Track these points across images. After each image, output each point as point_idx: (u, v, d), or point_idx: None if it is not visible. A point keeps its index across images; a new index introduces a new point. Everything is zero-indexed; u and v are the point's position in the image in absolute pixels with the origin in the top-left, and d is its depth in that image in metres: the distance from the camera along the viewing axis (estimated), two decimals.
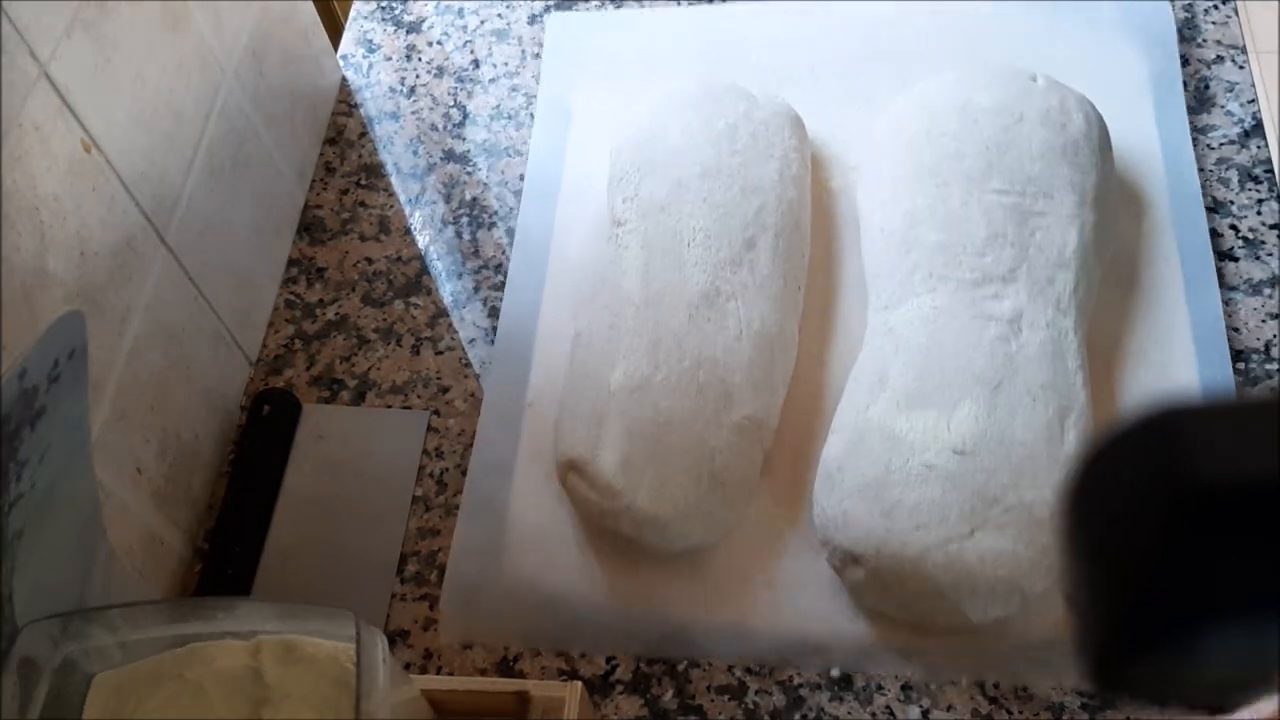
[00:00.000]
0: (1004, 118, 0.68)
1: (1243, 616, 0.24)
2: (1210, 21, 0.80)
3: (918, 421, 0.60)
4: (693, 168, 0.69)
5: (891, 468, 0.59)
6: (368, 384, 0.73)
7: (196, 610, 0.51)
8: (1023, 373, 0.61)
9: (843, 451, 0.61)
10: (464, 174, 0.81)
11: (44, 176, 0.53)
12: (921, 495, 0.58)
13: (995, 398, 0.60)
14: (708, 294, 0.65)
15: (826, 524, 0.60)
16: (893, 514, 0.58)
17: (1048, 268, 0.64)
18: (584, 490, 0.62)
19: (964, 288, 0.64)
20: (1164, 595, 0.24)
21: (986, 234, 0.65)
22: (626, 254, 0.68)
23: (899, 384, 0.62)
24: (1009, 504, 0.57)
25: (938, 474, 0.58)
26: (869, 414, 0.61)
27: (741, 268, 0.66)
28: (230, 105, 0.70)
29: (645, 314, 0.65)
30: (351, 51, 0.88)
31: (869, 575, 0.58)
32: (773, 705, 0.60)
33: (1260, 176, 0.73)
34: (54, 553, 0.50)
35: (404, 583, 0.66)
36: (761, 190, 0.68)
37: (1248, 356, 0.67)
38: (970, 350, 0.62)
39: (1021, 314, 0.63)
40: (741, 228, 0.67)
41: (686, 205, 0.68)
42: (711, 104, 0.72)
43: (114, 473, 0.59)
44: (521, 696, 0.56)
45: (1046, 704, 0.59)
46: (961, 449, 0.58)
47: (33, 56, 0.52)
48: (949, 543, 0.57)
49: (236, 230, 0.72)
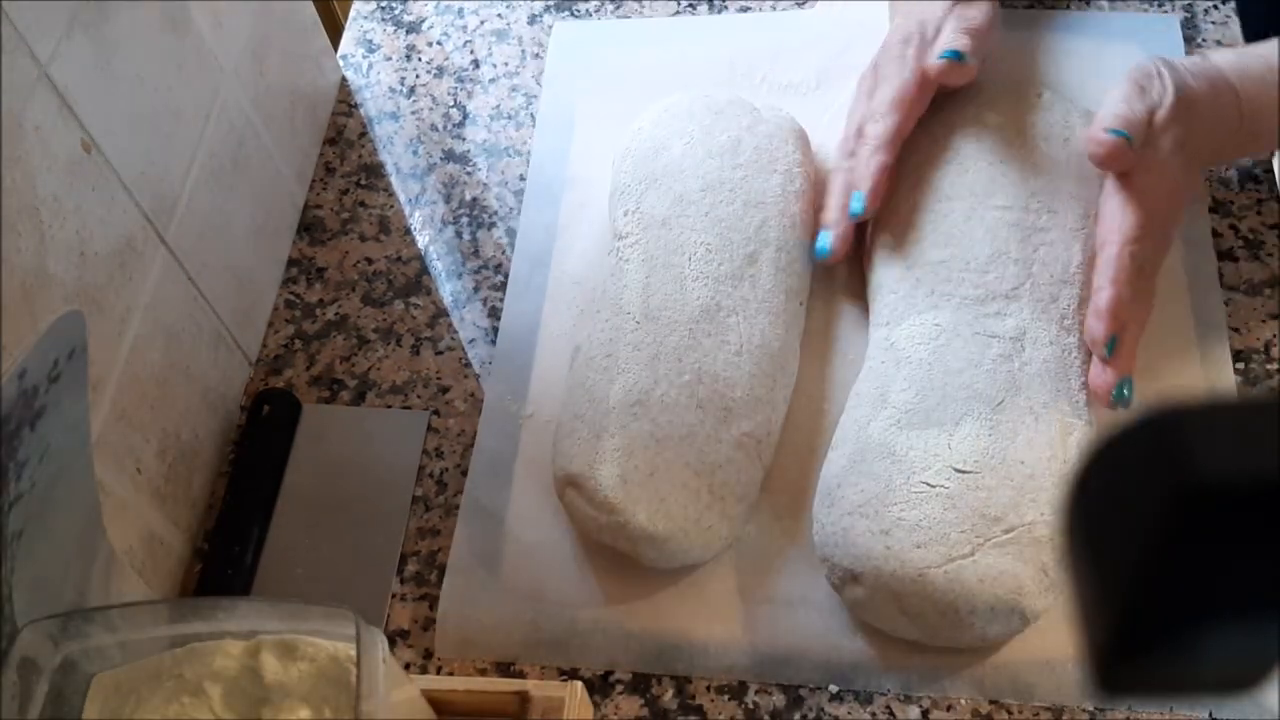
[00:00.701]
0: (1007, 133, 0.68)
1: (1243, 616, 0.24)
2: (1210, 21, 0.80)
3: (918, 440, 0.59)
4: (695, 181, 0.68)
5: (892, 485, 0.59)
6: (368, 384, 0.73)
7: (196, 610, 0.51)
8: (1025, 391, 0.60)
9: (843, 469, 0.61)
10: (464, 174, 0.81)
11: (44, 176, 0.53)
12: (922, 514, 0.57)
13: (997, 416, 0.59)
14: (708, 309, 0.64)
15: (826, 541, 0.60)
16: (892, 532, 0.57)
17: (1051, 285, 0.64)
18: (582, 506, 0.61)
19: (967, 305, 0.63)
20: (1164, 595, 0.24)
21: (990, 251, 0.64)
22: (627, 268, 0.67)
23: (900, 401, 0.61)
24: (1010, 524, 0.57)
25: (938, 492, 0.58)
26: (869, 430, 0.61)
27: (743, 283, 0.66)
28: (230, 105, 0.70)
29: (645, 328, 0.64)
30: (351, 51, 0.88)
31: (868, 593, 0.58)
32: (773, 705, 0.60)
33: (1260, 176, 0.73)
34: (54, 553, 0.50)
35: (404, 583, 0.66)
36: (764, 205, 0.68)
37: (1248, 356, 0.67)
38: (972, 368, 0.61)
39: (1025, 332, 0.62)
40: (743, 242, 0.67)
41: (688, 220, 0.67)
42: (714, 117, 0.71)
43: (114, 473, 0.59)
44: (521, 696, 0.56)
45: (1047, 704, 0.59)
46: (963, 467, 0.58)
47: (33, 57, 0.52)
48: (949, 561, 0.56)
49: (236, 230, 0.72)
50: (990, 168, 0.67)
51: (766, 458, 0.64)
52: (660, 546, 0.60)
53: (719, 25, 0.84)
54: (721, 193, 0.68)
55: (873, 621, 0.59)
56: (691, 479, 0.60)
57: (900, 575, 0.56)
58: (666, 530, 0.60)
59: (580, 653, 0.62)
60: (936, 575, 0.56)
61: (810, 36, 0.81)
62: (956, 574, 0.56)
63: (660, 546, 0.60)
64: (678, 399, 0.62)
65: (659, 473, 0.60)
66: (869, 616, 0.59)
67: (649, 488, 0.60)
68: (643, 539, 0.60)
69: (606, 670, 0.62)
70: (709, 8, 0.85)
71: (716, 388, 0.62)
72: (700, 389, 0.62)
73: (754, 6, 0.85)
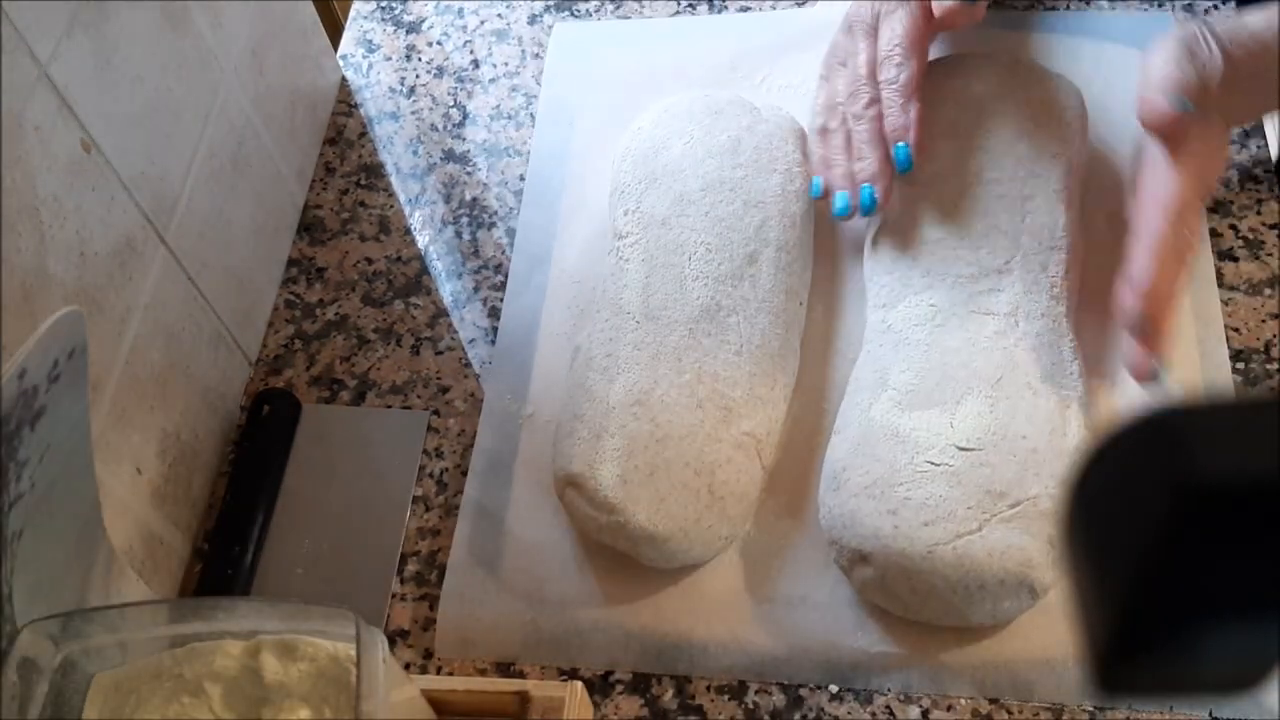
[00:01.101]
0: (993, 103, 0.69)
1: (1243, 616, 0.24)
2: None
3: (921, 420, 0.60)
4: (695, 181, 0.69)
5: (897, 466, 0.59)
6: (368, 384, 0.73)
7: (196, 610, 0.51)
8: (1022, 366, 0.61)
9: (847, 452, 0.61)
10: (464, 174, 0.81)
11: (44, 176, 0.53)
12: (928, 492, 0.58)
13: (996, 393, 0.60)
14: (708, 309, 0.65)
15: (834, 524, 0.60)
16: (900, 512, 0.58)
17: (1040, 253, 0.64)
18: (582, 506, 0.61)
19: (961, 283, 0.64)
20: (1164, 595, 0.24)
21: (982, 227, 0.65)
22: (627, 268, 0.67)
23: (900, 382, 0.62)
24: (1016, 498, 0.57)
25: (943, 471, 0.58)
26: (871, 414, 0.61)
27: (743, 282, 0.66)
28: (230, 105, 0.70)
29: (645, 328, 0.64)
30: (351, 51, 0.88)
31: (877, 574, 0.58)
32: (773, 705, 0.60)
33: (1260, 176, 0.73)
34: (54, 553, 0.50)
35: (404, 583, 0.66)
36: (764, 205, 0.68)
37: (1248, 356, 0.67)
38: (969, 347, 0.62)
39: (1018, 307, 0.63)
40: (743, 242, 0.67)
41: (688, 219, 0.67)
42: (714, 117, 0.71)
43: (114, 473, 0.59)
44: (521, 696, 0.56)
45: (1047, 704, 0.59)
46: (966, 445, 0.59)
47: (33, 56, 0.52)
48: (957, 538, 0.57)
49: (236, 230, 0.72)
50: (980, 138, 0.68)
51: (767, 457, 0.64)
52: (660, 546, 0.60)
53: (719, 25, 0.84)
54: (721, 192, 0.68)
55: (882, 603, 0.60)
56: (692, 479, 0.60)
57: (909, 553, 0.57)
58: (666, 530, 0.60)
59: (580, 652, 0.62)
60: (945, 552, 0.56)
61: (810, 36, 0.81)
62: (965, 549, 0.56)
63: (660, 546, 0.60)
64: (678, 399, 0.62)
65: (659, 472, 0.60)
66: (878, 598, 0.59)
67: (649, 487, 0.60)
68: (643, 539, 0.60)
69: (606, 670, 0.62)
70: (709, 8, 0.85)
71: (717, 387, 0.62)
72: (700, 388, 0.62)
73: (754, 6, 0.85)
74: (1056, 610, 0.59)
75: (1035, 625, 0.59)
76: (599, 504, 0.60)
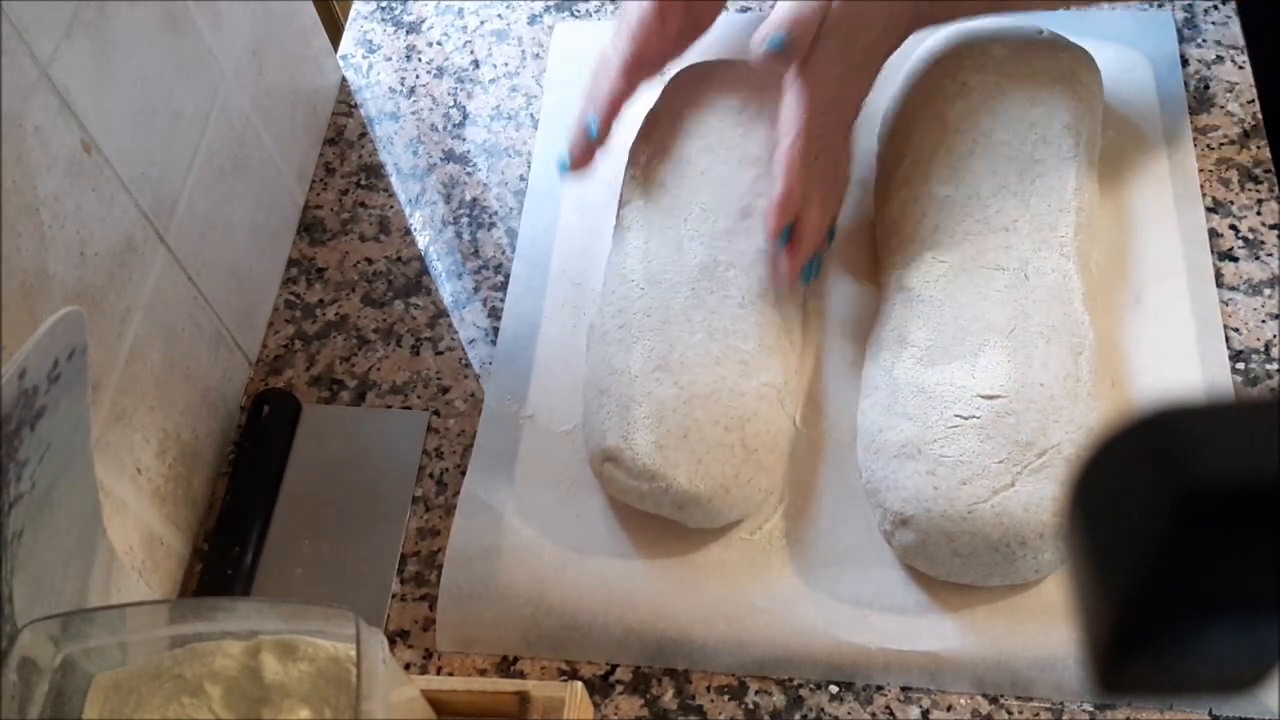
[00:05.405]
0: (1010, 65, 0.70)
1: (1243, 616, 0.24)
2: (1210, 22, 0.80)
3: (944, 374, 0.61)
4: (696, 142, 0.70)
5: (928, 422, 0.60)
6: (368, 384, 0.73)
7: (196, 610, 0.51)
8: (1034, 316, 0.62)
9: (880, 414, 0.62)
10: (464, 174, 0.81)
11: (44, 176, 0.53)
12: (961, 448, 0.58)
13: (1010, 342, 0.61)
14: (706, 266, 0.65)
15: (877, 488, 0.61)
16: (937, 471, 0.58)
17: (1049, 214, 0.65)
18: (621, 478, 0.61)
19: (970, 240, 0.65)
20: (1164, 594, 0.24)
21: (991, 186, 0.66)
22: (628, 235, 0.68)
23: (919, 339, 0.62)
24: (1041, 447, 0.58)
25: (972, 424, 0.59)
26: (895, 373, 0.62)
27: (738, 236, 0.66)
28: (230, 105, 0.70)
29: (650, 294, 0.65)
30: (351, 51, 0.88)
31: (919, 538, 0.59)
32: (773, 705, 0.60)
33: (1260, 176, 0.73)
34: (54, 553, 0.50)
35: (404, 583, 0.66)
36: (759, 160, 0.68)
37: (1248, 356, 0.67)
38: (981, 300, 0.63)
39: (1028, 262, 0.64)
40: (736, 198, 0.67)
41: (686, 180, 0.68)
42: (719, 81, 0.72)
43: (114, 473, 0.59)
44: (521, 696, 0.56)
45: (1047, 703, 0.59)
46: (989, 393, 0.59)
47: (33, 57, 0.52)
48: (994, 495, 0.57)
49: (236, 230, 0.72)
50: (992, 100, 0.68)
51: (790, 407, 0.64)
52: (705, 506, 0.60)
53: (719, 25, 0.84)
54: (719, 152, 0.69)
55: (925, 568, 0.60)
56: (724, 435, 0.61)
57: (950, 515, 0.57)
58: (709, 489, 0.60)
59: (580, 649, 0.62)
60: (984, 510, 0.57)
61: None
62: (1003, 506, 0.57)
63: (705, 506, 0.60)
64: (696, 358, 0.62)
65: (692, 434, 0.60)
66: (921, 562, 0.60)
67: (685, 450, 0.60)
68: (688, 501, 0.60)
69: (607, 669, 0.62)
70: None
71: (730, 342, 0.63)
72: (714, 346, 0.63)
73: (754, 7, 0.85)
74: (1057, 610, 0.59)
75: (1036, 626, 0.59)
76: (639, 473, 0.61)
